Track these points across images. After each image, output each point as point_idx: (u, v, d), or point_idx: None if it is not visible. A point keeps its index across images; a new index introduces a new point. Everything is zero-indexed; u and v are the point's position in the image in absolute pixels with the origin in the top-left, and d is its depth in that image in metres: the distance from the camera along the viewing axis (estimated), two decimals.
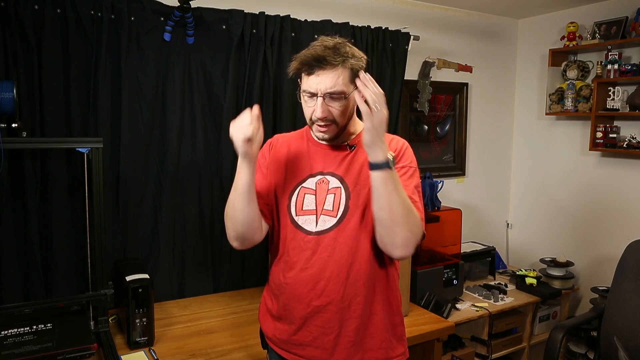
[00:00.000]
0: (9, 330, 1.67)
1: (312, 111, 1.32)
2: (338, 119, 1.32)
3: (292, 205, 1.37)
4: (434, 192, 2.71)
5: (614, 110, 2.84)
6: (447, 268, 2.61)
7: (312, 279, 1.33)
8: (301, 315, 1.35)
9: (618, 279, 2.22)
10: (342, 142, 1.41)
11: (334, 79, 1.27)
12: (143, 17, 2.07)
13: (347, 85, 1.29)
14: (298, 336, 1.36)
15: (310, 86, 1.29)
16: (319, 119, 1.31)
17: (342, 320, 1.33)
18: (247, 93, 2.32)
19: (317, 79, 1.28)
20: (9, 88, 1.70)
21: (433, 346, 2.08)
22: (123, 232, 2.17)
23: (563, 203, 3.26)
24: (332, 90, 1.27)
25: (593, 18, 2.97)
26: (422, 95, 2.99)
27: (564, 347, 2.90)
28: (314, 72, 1.27)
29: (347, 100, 1.32)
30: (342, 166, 1.38)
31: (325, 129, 1.33)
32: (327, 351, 1.34)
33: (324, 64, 1.26)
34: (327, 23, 2.50)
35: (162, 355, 1.76)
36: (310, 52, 1.28)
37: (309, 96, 1.31)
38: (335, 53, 1.27)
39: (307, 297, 1.33)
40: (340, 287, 1.32)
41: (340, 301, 1.32)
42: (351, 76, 1.29)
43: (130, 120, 2.12)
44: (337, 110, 1.31)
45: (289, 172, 1.42)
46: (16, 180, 1.94)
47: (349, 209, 1.33)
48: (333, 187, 1.36)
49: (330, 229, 1.32)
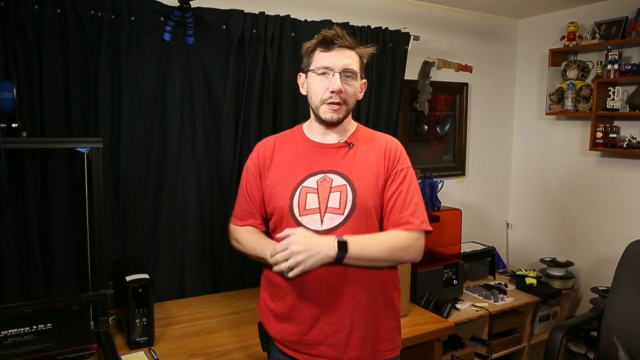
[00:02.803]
0: (9, 330, 1.67)
1: (325, 88, 1.35)
2: (349, 99, 1.38)
3: (295, 205, 1.36)
4: (434, 192, 2.71)
5: (614, 110, 2.84)
6: (447, 268, 2.61)
7: (322, 278, 1.32)
8: (312, 315, 1.35)
9: (618, 279, 2.22)
10: (340, 139, 1.42)
11: (350, 58, 1.36)
12: (143, 17, 2.07)
13: (358, 68, 1.39)
14: (309, 336, 1.36)
15: (327, 61, 1.35)
16: (334, 94, 1.34)
17: (353, 316, 1.34)
18: (247, 93, 2.32)
19: (335, 54, 1.35)
20: (9, 88, 1.70)
21: (433, 346, 2.08)
22: (123, 232, 2.17)
23: (563, 203, 3.27)
24: (350, 67, 1.35)
25: (593, 18, 2.97)
26: (422, 95, 2.99)
27: (564, 347, 2.90)
28: (332, 48, 1.35)
29: (356, 84, 1.39)
30: (345, 163, 1.38)
31: (337, 107, 1.36)
32: (340, 349, 1.34)
33: (344, 41, 1.35)
34: (327, 23, 2.50)
35: (162, 355, 1.76)
36: (329, 32, 1.36)
37: (322, 72, 1.35)
38: (350, 37, 1.37)
39: (319, 296, 1.34)
40: (350, 283, 1.33)
41: (352, 297, 1.34)
42: (359, 63, 1.39)
43: (130, 120, 2.12)
44: (350, 89, 1.37)
45: (287, 173, 1.42)
46: (16, 180, 1.94)
47: (356, 206, 1.33)
48: (337, 185, 1.36)
49: (338, 227, 1.33)
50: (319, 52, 1.37)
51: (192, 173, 2.28)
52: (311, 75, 1.38)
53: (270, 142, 1.52)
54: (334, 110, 1.36)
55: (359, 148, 1.41)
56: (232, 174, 2.33)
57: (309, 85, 1.40)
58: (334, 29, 1.37)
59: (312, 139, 1.44)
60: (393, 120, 2.79)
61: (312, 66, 1.38)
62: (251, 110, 2.34)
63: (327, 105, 1.36)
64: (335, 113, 1.36)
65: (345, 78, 1.35)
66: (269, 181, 1.44)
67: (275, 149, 1.48)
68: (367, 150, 1.41)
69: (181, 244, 2.29)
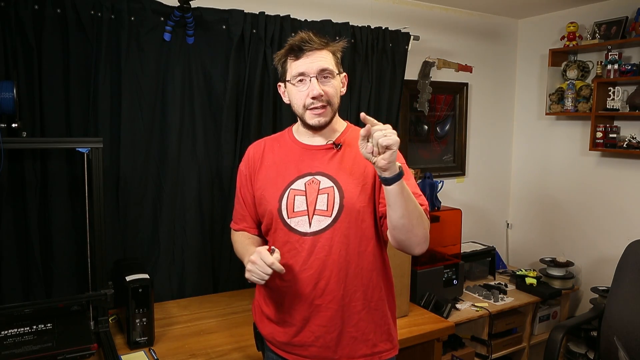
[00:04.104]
0: (9, 330, 1.67)
1: (305, 95, 1.33)
2: (332, 99, 1.35)
3: (284, 208, 1.36)
4: (434, 192, 2.70)
5: (614, 110, 2.84)
6: (447, 268, 2.61)
7: (312, 279, 1.33)
8: (302, 316, 1.35)
9: (618, 279, 2.22)
10: (328, 140, 1.41)
11: (323, 59, 1.33)
12: (143, 17, 2.07)
13: (333, 66, 1.35)
14: (300, 337, 1.37)
15: (300, 68, 1.32)
16: (314, 99, 1.32)
17: (343, 317, 1.34)
18: (247, 93, 2.32)
19: (307, 60, 1.32)
20: (9, 88, 1.70)
21: (433, 346, 2.08)
22: (123, 232, 2.17)
23: (563, 203, 3.26)
24: (325, 67, 1.32)
25: (593, 18, 2.97)
26: (422, 95, 2.99)
27: (564, 347, 2.90)
28: (303, 54, 1.32)
29: (336, 82, 1.36)
30: (332, 165, 1.37)
31: (321, 111, 1.34)
32: (331, 349, 1.35)
33: (312, 43, 1.32)
34: (327, 23, 2.50)
35: (162, 355, 1.76)
36: (295, 38, 1.34)
37: (299, 80, 1.34)
38: (317, 37, 1.34)
39: (309, 297, 1.34)
40: (340, 284, 1.33)
41: (342, 298, 1.34)
42: (334, 60, 1.36)
43: (130, 120, 2.12)
44: (330, 89, 1.34)
45: (276, 176, 1.41)
46: (16, 180, 1.94)
47: (344, 208, 1.32)
48: (325, 187, 1.35)
49: (326, 229, 1.32)
50: (290, 61, 1.35)
51: (192, 173, 2.28)
52: (289, 85, 1.37)
53: (260, 145, 1.52)
54: (319, 115, 1.34)
55: (348, 149, 1.40)
56: (232, 174, 2.33)
57: (289, 94, 1.39)
58: (299, 34, 1.34)
59: (300, 141, 1.44)
60: (393, 120, 2.79)
61: (288, 76, 1.36)
62: (251, 110, 2.34)
63: (311, 111, 1.34)
64: (321, 117, 1.34)
65: (323, 80, 1.33)
66: (259, 184, 1.44)
67: (265, 151, 1.48)
68: (356, 151, 1.36)
69: (181, 244, 2.29)
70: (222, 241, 2.35)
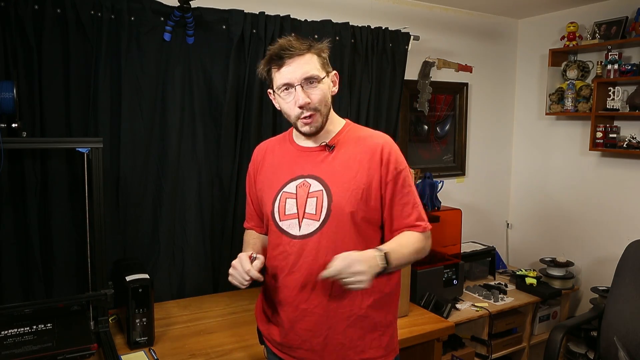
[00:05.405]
0: (9, 330, 1.67)
1: (292, 105, 1.31)
2: (320, 105, 1.32)
3: (276, 210, 1.37)
4: (434, 192, 2.70)
5: (614, 110, 2.84)
6: (447, 268, 2.61)
7: (298, 283, 1.33)
8: (289, 319, 1.35)
9: (618, 279, 2.22)
10: (322, 141, 1.39)
11: (306, 64, 1.29)
12: (143, 17, 2.07)
13: (318, 70, 1.32)
14: (287, 339, 1.37)
15: (284, 77, 1.30)
16: (302, 109, 1.30)
17: (329, 323, 1.33)
18: (247, 93, 2.32)
19: (289, 69, 1.29)
20: (9, 88, 1.70)
21: (433, 346, 2.08)
22: (123, 232, 2.17)
23: (563, 203, 3.26)
24: (308, 74, 1.29)
25: (593, 18, 2.97)
26: (422, 95, 2.99)
27: (564, 347, 2.90)
28: (284, 62, 1.29)
29: (323, 85, 1.33)
30: (323, 168, 1.36)
31: (310, 119, 1.32)
32: (317, 353, 1.34)
33: (292, 50, 1.28)
34: (327, 23, 2.50)
35: (162, 355, 1.76)
36: (275, 46, 1.31)
37: (285, 90, 1.31)
38: (298, 42, 1.30)
39: (295, 301, 1.34)
40: (326, 290, 1.31)
41: (328, 304, 1.32)
42: (320, 62, 1.32)
43: (130, 120, 2.12)
44: (317, 95, 1.31)
45: (273, 178, 1.42)
46: (16, 180, 1.94)
47: (331, 212, 1.31)
48: (314, 190, 1.34)
49: (314, 233, 1.31)
50: (274, 70, 1.32)
51: (192, 173, 2.28)
52: (276, 95, 1.35)
53: (263, 146, 1.52)
54: (308, 123, 1.32)
55: (342, 150, 1.37)
56: (232, 174, 2.33)
57: (279, 103, 1.37)
58: (278, 41, 1.31)
59: (297, 143, 1.43)
60: (393, 120, 2.79)
61: (274, 86, 1.34)
62: (251, 110, 2.34)
63: (301, 120, 1.33)
64: (312, 125, 1.33)
65: (308, 86, 1.30)
66: (259, 185, 1.46)
67: (266, 153, 1.49)
68: (350, 153, 1.36)
69: (181, 244, 2.29)
70: (222, 241, 2.35)
